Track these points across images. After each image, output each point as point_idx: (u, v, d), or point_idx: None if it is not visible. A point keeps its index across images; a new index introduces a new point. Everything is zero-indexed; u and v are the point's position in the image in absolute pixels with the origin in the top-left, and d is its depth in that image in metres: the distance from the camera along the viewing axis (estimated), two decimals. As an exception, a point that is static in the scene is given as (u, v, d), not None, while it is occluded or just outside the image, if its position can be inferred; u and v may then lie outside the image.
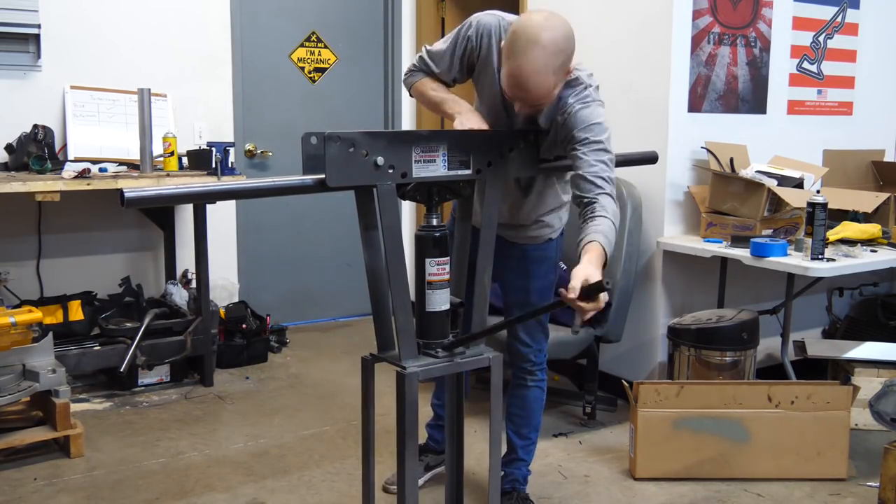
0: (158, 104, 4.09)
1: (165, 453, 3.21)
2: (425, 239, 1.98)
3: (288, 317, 4.94)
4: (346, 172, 1.80)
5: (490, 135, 2.09)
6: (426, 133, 1.97)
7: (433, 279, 1.98)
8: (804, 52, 4.04)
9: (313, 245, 5.08)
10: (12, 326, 3.02)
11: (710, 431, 2.97)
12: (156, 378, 3.96)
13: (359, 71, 5.12)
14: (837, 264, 3.20)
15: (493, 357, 2.06)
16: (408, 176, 1.89)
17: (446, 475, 2.27)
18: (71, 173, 3.45)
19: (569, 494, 2.90)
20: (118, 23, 4.18)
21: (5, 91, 3.92)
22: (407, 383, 1.89)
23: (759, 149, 3.78)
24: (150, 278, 4.39)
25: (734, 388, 3.00)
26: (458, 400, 2.22)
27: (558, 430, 3.46)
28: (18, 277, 3.96)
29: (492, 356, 2.06)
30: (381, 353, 2.04)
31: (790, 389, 2.99)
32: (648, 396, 2.95)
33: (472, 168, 2.01)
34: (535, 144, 2.20)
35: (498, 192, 2.11)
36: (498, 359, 2.07)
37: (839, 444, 2.98)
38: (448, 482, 2.28)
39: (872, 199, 3.65)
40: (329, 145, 1.76)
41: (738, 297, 3.74)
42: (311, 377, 4.17)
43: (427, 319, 2.00)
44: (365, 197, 1.92)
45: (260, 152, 4.80)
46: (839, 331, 4.23)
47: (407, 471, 1.93)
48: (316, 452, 3.24)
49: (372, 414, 2.07)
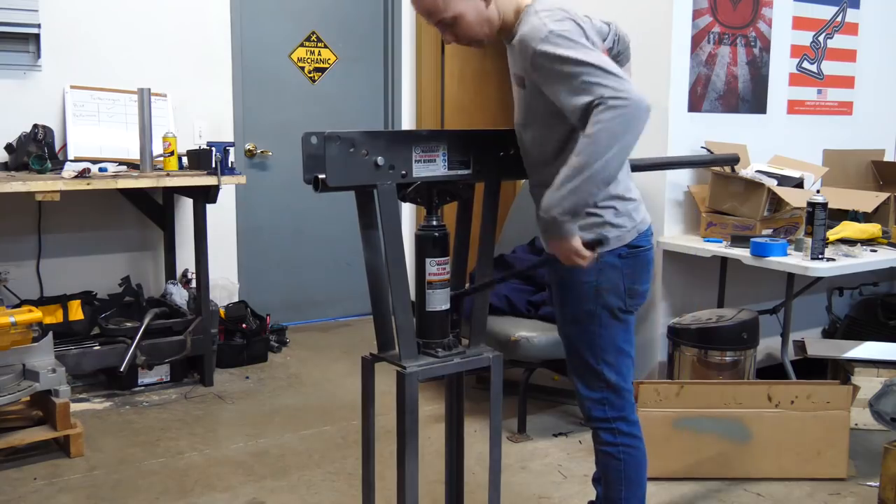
0: (158, 104, 4.09)
1: (165, 453, 3.21)
2: (426, 239, 1.98)
3: (288, 317, 4.94)
4: (347, 172, 1.79)
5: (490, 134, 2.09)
6: (426, 133, 1.97)
7: (433, 279, 1.97)
8: (804, 51, 4.04)
9: (313, 245, 5.08)
10: (12, 326, 3.02)
11: (711, 431, 2.97)
12: (156, 378, 3.96)
13: (359, 71, 5.12)
14: (837, 264, 3.20)
15: (493, 357, 2.06)
16: (408, 176, 1.89)
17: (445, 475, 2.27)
18: (71, 173, 3.45)
19: (569, 494, 2.90)
20: (118, 23, 4.19)
21: (5, 91, 3.92)
22: (407, 383, 1.89)
23: (759, 148, 3.78)
24: (150, 278, 4.39)
25: (734, 388, 3.00)
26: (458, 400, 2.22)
27: (558, 430, 3.46)
28: (18, 277, 3.96)
29: (492, 356, 2.06)
30: (381, 352, 2.03)
31: (790, 389, 2.99)
32: (648, 396, 2.95)
33: (471, 168, 2.01)
34: None
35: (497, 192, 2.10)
36: (498, 359, 2.06)
37: (839, 443, 2.98)
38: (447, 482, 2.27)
39: (872, 199, 3.65)
40: (329, 145, 1.76)
41: (738, 297, 3.74)
42: (311, 377, 4.17)
43: (427, 319, 1.99)
44: (365, 197, 1.91)
45: (260, 152, 4.80)
46: (839, 330, 4.23)
47: (407, 471, 1.93)
48: (316, 452, 3.24)
49: (372, 414, 2.07)
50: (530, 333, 3.29)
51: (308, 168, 1.78)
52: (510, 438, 3.35)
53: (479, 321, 2.13)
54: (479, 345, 2.10)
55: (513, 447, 3.28)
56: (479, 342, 2.11)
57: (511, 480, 2.97)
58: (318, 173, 1.78)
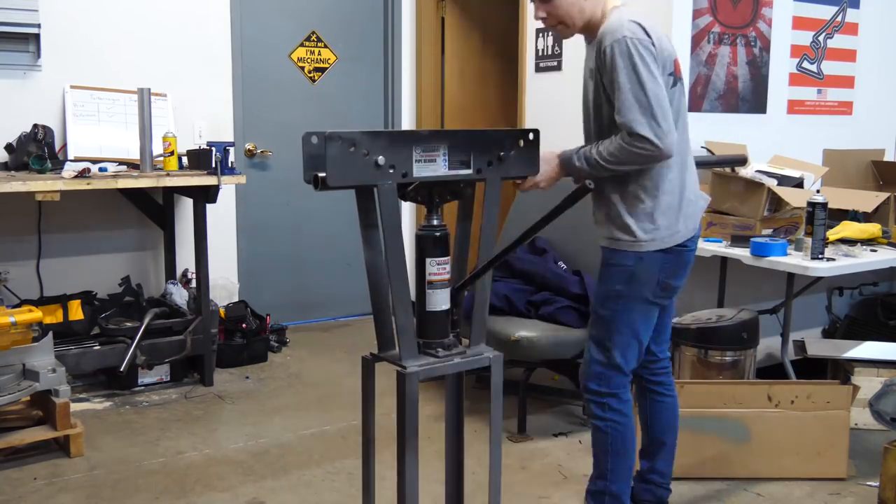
0: (158, 104, 4.09)
1: (165, 453, 3.21)
2: (426, 238, 1.99)
3: (288, 317, 4.94)
4: (347, 172, 1.80)
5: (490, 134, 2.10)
6: (426, 133, 1.97)
7: (434, 279, 1.98)
8: (804, 51, 4.05)
9: (313, 245, 5.08)
10: (12, 326, 3.02)
11: (711, 431, 2.97)
12: (156, 378, 3.96)
13: (359, 71, 5.12)
14: (837, 264, 3.20)
15: (493, 357, 2.06)
16: (409, 176, 1.89)
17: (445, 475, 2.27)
18: (71, 173, 3.45)
19: (569, 494, 2.90)
20: (118, 22, 4.19)
21: (5, 91, 3.92)
22: (408, 383, 1.89)
23: (759, 148, 3.78)
24: (150, 278, 4.39)
25: (734, 388, 3.00)
26: (458, 399, 2.22)
27: (558, 430, 3.46)
28: (18, 277, 3.96)
29: (492, 356, 2.06)
30: (381, 352, 2.03)
31: (790, 389, 2.99)
32: None
33: (472, 168, 2.01)
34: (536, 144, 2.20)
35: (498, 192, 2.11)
36: (498, 358, 2.06)
37: (839, 443, 2.98)
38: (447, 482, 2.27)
39: (872, 199, 3.65)
40: (330, 145, 1.76)
41: (738, 297, 3.74)
42: (311, 377, 4.17)
43: (427, 319, 1.99)
44: (365, 196, 1.92)
45: (260, 152, 4.80)
46: (839, 330, 4.23)
47: (407, 471, 1.93)
48: (316, 452, 3.24)
49: (372, 414, 2.06)
50: (530, 333, 3.29)
51: (309, 167, 1.79)
52: (510, 438, 3.36)
53: (479, 320, 2.13)
54: (479, 344, 2.10)
55: (513, 447, 3.28)
56: (479, 342, 2.11)
57: (511, 480, 2.97)
58: (319, 173, 1.78)
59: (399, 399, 1.91)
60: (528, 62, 4.45)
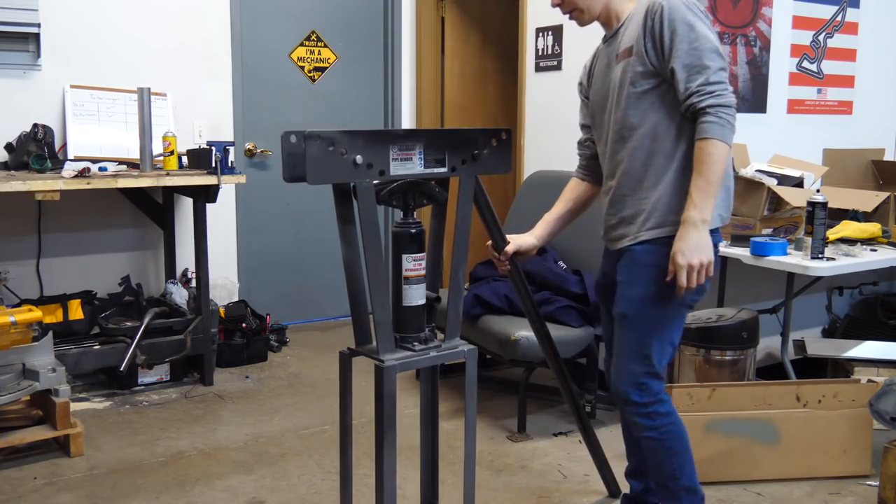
0: (158, 103, 4.10)
1: (165, 452, 3.21)
2: (402, 235, 2.03)
3: (288, 316, 4.94)
4: (326, 170, 1.84)
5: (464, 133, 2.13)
6: (402, 132, 2.04)
7: (410, 274, 2.02)
8: (804, 51, 4.05)
9: (313, 245, 5.08)
10: (12, 325, 3.02)
11: (741, 433, 2.95)
12: (156, 377, 3.96)
13: (359, 70, 5.12)
14: (837, 263, 3.20)
15: (467, 350, 2.10)
16: (386, 174, 1.93)
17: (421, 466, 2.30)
18: (71, 172, 3.45)
19: (569, 494, 2.90)
20: (118, 22, 4.19)
21: (5, 90, 3.92)
22: (385, 376, 1.93)
23: (759, 148, 3.78)
24: (149, 277, 4.39)
25: (764, 389, 2.99)
26: (434, 392, 2.25)
27: (558, 429, 3.46)
28: (18, 277, 3.96)
29: (466, 349, 2.10)
30: (358, 346, 2.08)
31: (817, 388, 2.98)
32: (681, 400, 2.90)
33: (447, 166, 2.04)
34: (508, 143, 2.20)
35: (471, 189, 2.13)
36: (473, 352, 2.10)
37: (863, 441, 2.99)
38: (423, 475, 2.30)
39: (872, 199, 3.65)
40: (309, 144, 1.80)
41: (738, 297, 3.74)
42: (311, 376, 4.17)
43: (404, 314, 2.04)
44: (343, 194, 1.95)
45: (260, 151, 4.81)
46: (839, 330, 4.23)
47: (385, 463, 1.96)
48: (316, 452, 3.24)
49: (349, 406, 2.11)
50: (530, 333, 3.28)
51: (288, 166, 1.82)
52: (510, 438, 3.36)
53: (454, 315, 2.15)
54: (454, 338, 2.13)
55: (513, 447, 3.28)
56: (455, 335, 2.14)
57: (511, 480, 2.98)
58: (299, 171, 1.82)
59: (377, 391, 1.96)
60: (527, 62, 4.45)
